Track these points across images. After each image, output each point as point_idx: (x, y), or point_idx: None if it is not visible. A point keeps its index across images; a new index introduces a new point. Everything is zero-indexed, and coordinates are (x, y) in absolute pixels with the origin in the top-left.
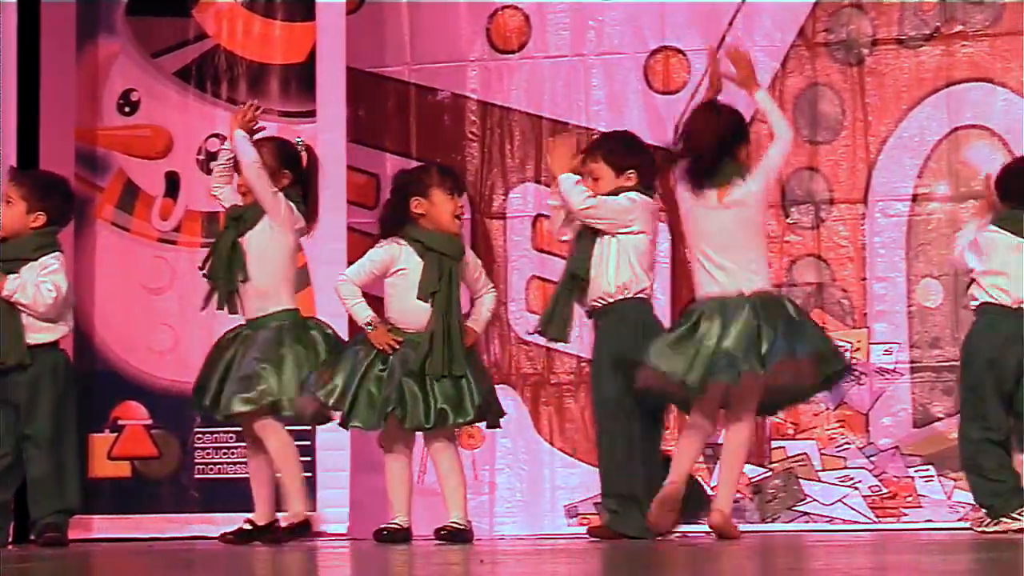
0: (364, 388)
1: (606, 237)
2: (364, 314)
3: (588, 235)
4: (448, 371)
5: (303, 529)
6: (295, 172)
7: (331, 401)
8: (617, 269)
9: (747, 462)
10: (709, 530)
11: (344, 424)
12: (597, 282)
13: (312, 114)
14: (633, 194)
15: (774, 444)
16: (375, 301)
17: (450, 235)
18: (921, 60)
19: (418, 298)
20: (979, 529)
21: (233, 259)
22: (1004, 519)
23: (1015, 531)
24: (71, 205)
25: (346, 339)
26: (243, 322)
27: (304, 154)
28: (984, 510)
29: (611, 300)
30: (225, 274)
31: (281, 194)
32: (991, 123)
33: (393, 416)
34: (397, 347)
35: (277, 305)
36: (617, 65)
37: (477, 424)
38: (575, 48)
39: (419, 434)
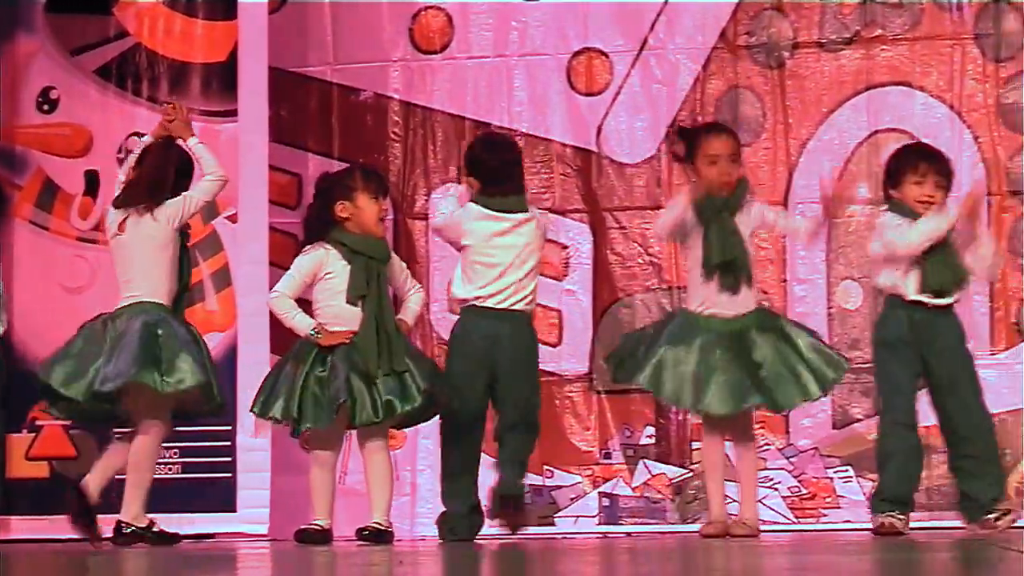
0: (308, 393)
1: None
2: (306, 323)
3: None
4: (390, 370)
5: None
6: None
7: (280, 415)
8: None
9: (672, 464)
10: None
11: (295, 433)
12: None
13: (234, 113)
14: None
15: (695, 445)
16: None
17: (376, 238)
18: (841, 63)
19: (347, 302)
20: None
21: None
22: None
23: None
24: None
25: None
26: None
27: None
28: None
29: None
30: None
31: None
32: (910, 126)
33: (343, 409)
34: (348, 341)
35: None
36: (540, 66)
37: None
38: (498, 49)
39: (346, 435)
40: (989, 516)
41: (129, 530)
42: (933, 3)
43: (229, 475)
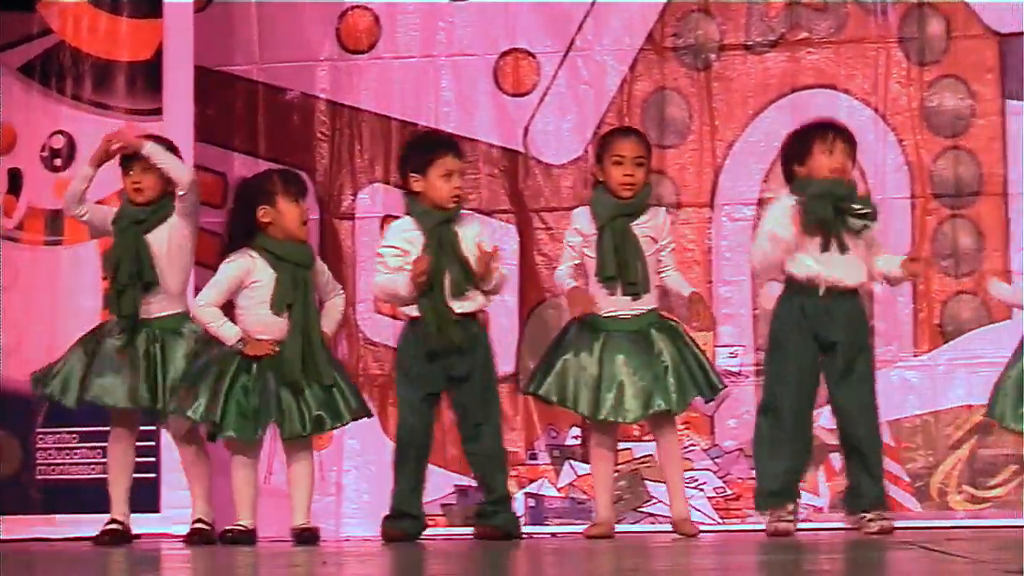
0: (232, 399)
1: None
2: (232, 332)
3: None
4: (316, 381)
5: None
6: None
7: (198, 416)
8: None
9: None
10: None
11: (213, 437)
12: None
13: (159, 112)
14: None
15: (620, 446)
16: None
17: (300, 243)
18: (767, 66)
19: (273, 311)
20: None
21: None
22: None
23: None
24: None
25: None
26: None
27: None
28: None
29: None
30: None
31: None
32: None
33: (274, 426)
34: (274, 352)
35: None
36: (467, 66)
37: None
38: (425, 49)
39: (268, 435)
40: (865, 514)
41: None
42: (858, 7)
43: (153, 475)
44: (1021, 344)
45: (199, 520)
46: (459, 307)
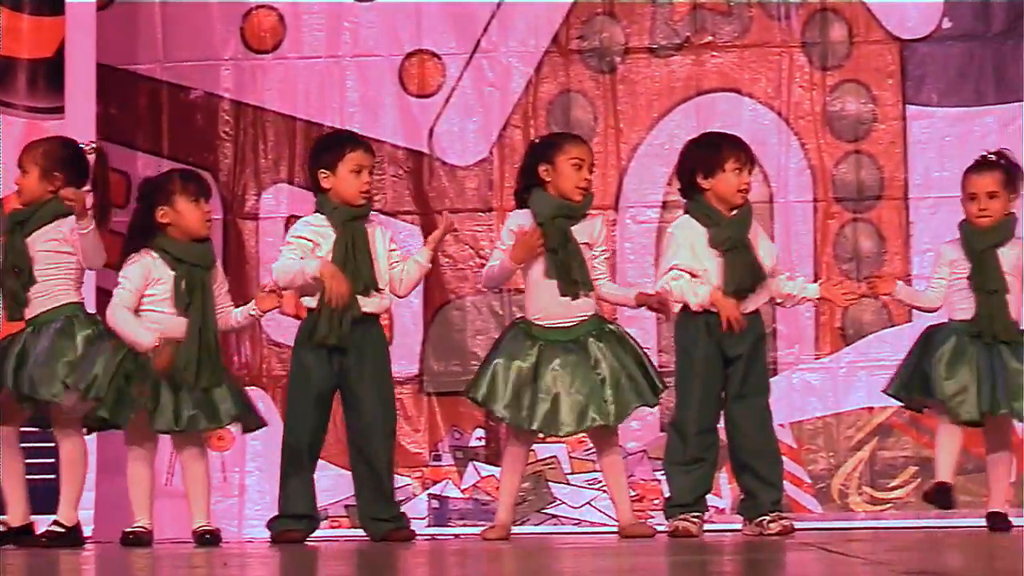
0: (114, 385)
1: None
2: (149, 339)
3: None
4: (206, 383)
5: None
6: (69, 174)
7: (91, 393)
8: None
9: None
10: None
11: (92, 426)
12: None
13: (60, 111)
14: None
15: None
16: None
17: (200, 244)
18: (672, 69)
19: (174, 311)
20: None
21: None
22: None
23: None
24: None
25: None
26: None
27: (93, 156)
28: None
29: None
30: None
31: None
32: (739, 132)
33: (144, 412)
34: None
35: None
36: (372, 67)
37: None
38: (330, 49)
39: (166, 436)
40: (764, 518)
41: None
42: (762, 11)
43: (52, 476)
44: (920, 339)
45: (55, 522)
46: (363, 306)
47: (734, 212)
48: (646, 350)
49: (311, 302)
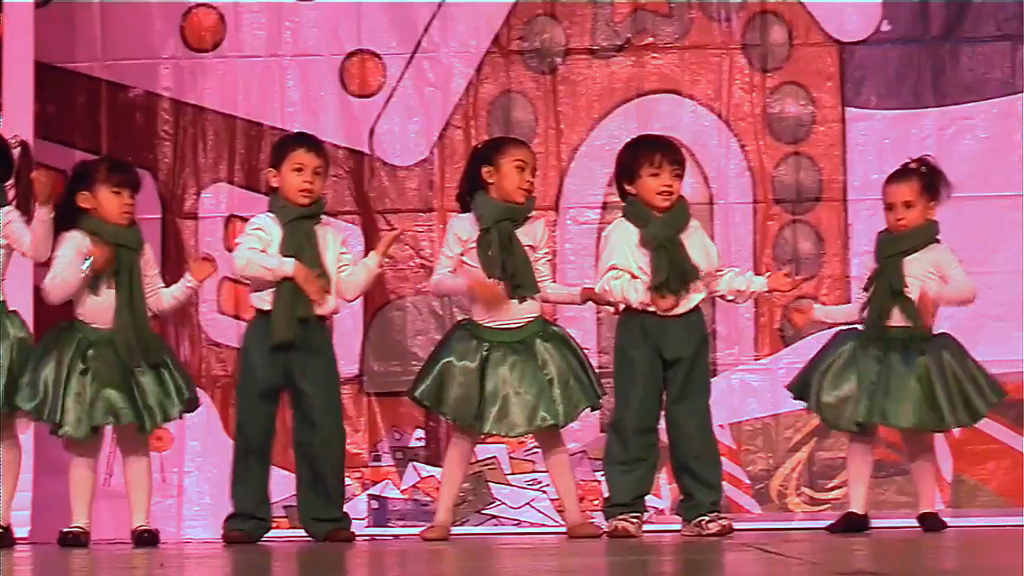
0: (70, 393)
1: None
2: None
3: None
4: (145, 360)
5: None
6: None
7: (44, 414)
8: None
9: (441, 466)
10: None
11: (55, 432)
12: None
13: None
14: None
15: None
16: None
17: (124, 227)
18: (612, 70)
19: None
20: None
21: None
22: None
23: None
24: None
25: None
26: None
27: (18, 150)
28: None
29: None
30: None
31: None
32: (679, 134)
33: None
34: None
35: None
36: (312, 67)
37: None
38: (270, 49)
39: (108, 436)
40: (703, 518)
41: None
42: (702, 13)
43: None
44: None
45: None
46: (315, 308)
47: (664, 212)
48: (586, 351)
49: (263, 303)
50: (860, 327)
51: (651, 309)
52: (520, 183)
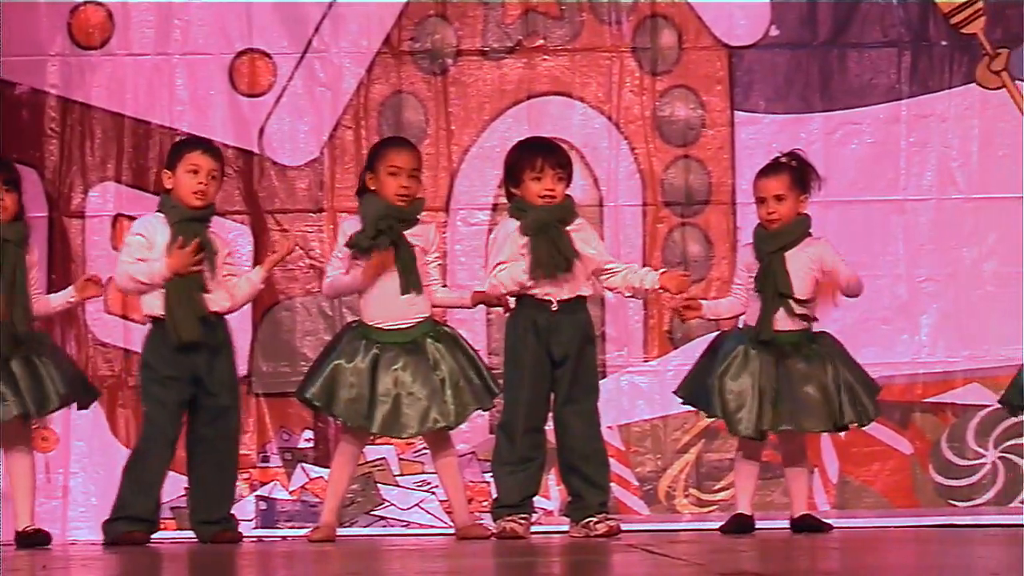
0: None
1: None
2: None
3: None
4: (26, 352)
5: None
6: None
7: None
8: None
9: (329, 467)
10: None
11: None
12: None
13: None
14: None
15: None
16: None
17: (10, 223)
18: (503, 72)
19: None
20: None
21: None
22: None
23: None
24: None
25: None
26: None
27: None
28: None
29: None
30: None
31: None
32: (569, 136)
33: None
34: None
35: None
36: (202, 65)
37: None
38: (159, 47)
39: None
40: (591, 519)
41: None
42: (593, 16)
43: None
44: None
45: None
46: (209, 304)
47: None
48: (476, 351)
49: (155, 309)
50: (741, 326)
51: (539, 297)
52: (396, 189)
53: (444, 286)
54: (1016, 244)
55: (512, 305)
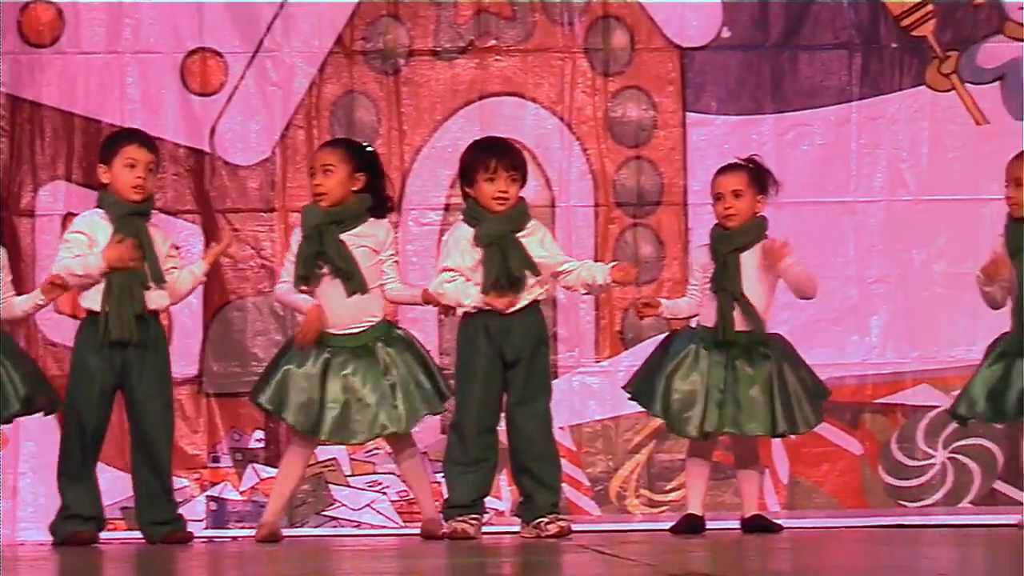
0: None
1: None
2: None
3: None
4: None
5: None
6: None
7: None
8: None
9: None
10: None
11: None
12: None
13: None
14: None
15: None
16: None
17: None
18: (456, 72)
19: None
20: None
21: None
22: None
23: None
24: None
25: None
26: None
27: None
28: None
29: None
30: None
31: None
32: (522, 136)
33: None
34: None
35: None
36: (153, 64)
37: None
38: (110, 45)
39: None
40: (542, 520)
41: None
42: (545, 16)
43: None
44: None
45: None
46: (148, 302)
47: (499, 212)
48: (428, 352)
49: (93, 303)
50: (693, 325)
51: (489, 308)
52: (312, 189)
53: (399, 283)
54: (966, 246)
55: (459, 313)
